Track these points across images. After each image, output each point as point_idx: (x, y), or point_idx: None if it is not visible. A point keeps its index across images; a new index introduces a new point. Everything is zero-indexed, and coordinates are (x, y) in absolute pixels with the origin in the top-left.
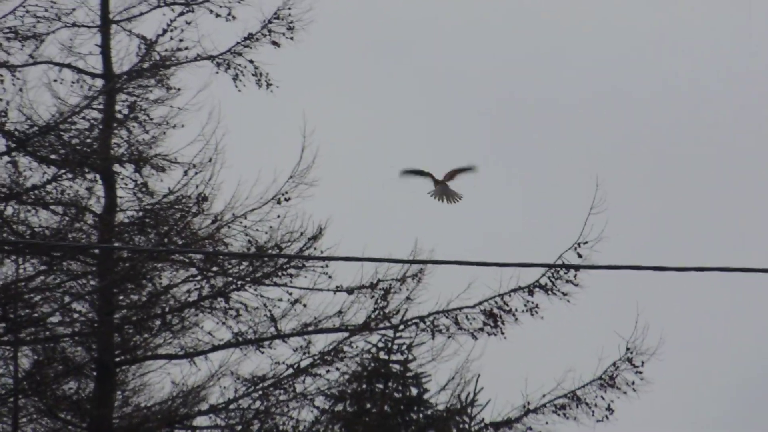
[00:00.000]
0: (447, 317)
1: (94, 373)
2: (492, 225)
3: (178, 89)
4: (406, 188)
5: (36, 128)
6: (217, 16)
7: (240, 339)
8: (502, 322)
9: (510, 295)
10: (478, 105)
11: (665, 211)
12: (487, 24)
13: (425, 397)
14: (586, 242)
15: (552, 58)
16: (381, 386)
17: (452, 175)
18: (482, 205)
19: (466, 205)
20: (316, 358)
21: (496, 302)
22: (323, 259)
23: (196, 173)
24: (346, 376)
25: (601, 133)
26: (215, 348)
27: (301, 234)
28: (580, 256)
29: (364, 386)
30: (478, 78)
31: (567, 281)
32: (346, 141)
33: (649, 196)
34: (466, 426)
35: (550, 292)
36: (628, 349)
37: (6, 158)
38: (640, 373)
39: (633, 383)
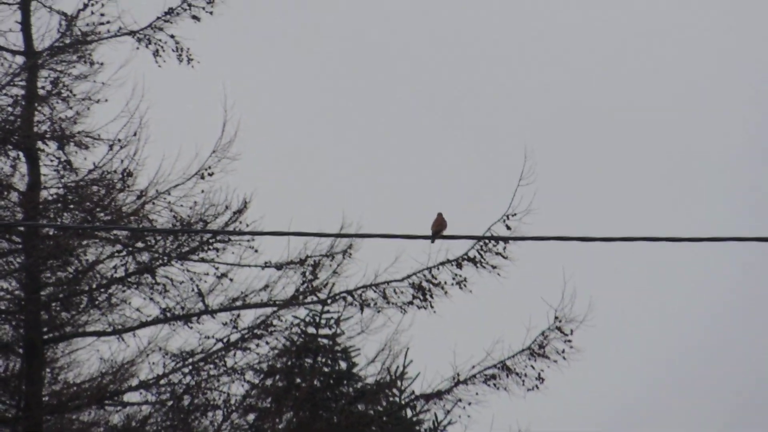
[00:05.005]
0: (375, 291)
1: (22, 351)
2: (419, 197)
3: (101, 64)
4: (332, 160)
5: None
6: None
7: (168, 314)
8: (431, 296)
9: (438, 269)
10: (403, 73)
11: (592, 182)
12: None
13: (354, 370)
14: (515, 214)
15: (476, 24)
16: (310, 360)
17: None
18: (410, 177)
19: (393, 178)
20: (245, 332)
21: (424, 275)
22: (249, 234)
23: (120, 148)
24: (276, 351)
25: (529, 105)
26: (143, 324)
27: (226, 208)
28: (508, 228)
29: (294, 360)
30: (402, 44)
31: (496, 254)
32: (269, 114)
33: (576, 167)
34: (397, 399)
35: (479, 265)
36: (557, 317)
37: None
38: (570, 341)
39: (563, 351)
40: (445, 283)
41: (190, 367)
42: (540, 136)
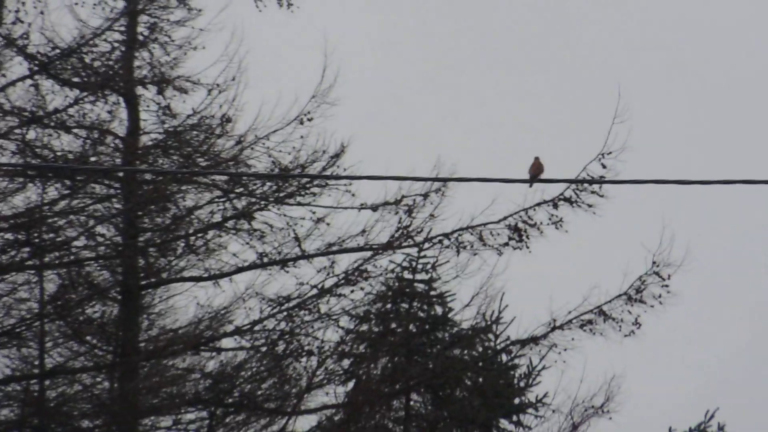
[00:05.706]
0: (471, 233)
1: (119, 297)
2: (514, 138)
3: (200, 10)
4: (428, 104)
5: (58, 51)
6: None
7: (265, 260)
8: (527, 236)
9: (535, 209)
10: (498, 17)
11: (690, 119)
12: None
13: (450, 315)
14: (611, 152)
15: None
16: (405, 306)
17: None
18: (504, 117)
19: (488, 119)
20: (340, 278)
21: (521, 216)
22: (346, 178)
23: (219, 93)
24: (371, 296)
25: (622, 42)
26: (240, 269)
27: (324, 153)
28: (604, 166)
29: (389, 306)
30: None
31: (592, 192)
32: (368, 59)
33: (672, 103)
34: (491, 344)
35: (575, 205)
36: (654, 262)
37: (28, 82)
38: (667, 286)
39: (660, 296)
40: (541, 223)
41: (285, 312)
42: (635, 73)
